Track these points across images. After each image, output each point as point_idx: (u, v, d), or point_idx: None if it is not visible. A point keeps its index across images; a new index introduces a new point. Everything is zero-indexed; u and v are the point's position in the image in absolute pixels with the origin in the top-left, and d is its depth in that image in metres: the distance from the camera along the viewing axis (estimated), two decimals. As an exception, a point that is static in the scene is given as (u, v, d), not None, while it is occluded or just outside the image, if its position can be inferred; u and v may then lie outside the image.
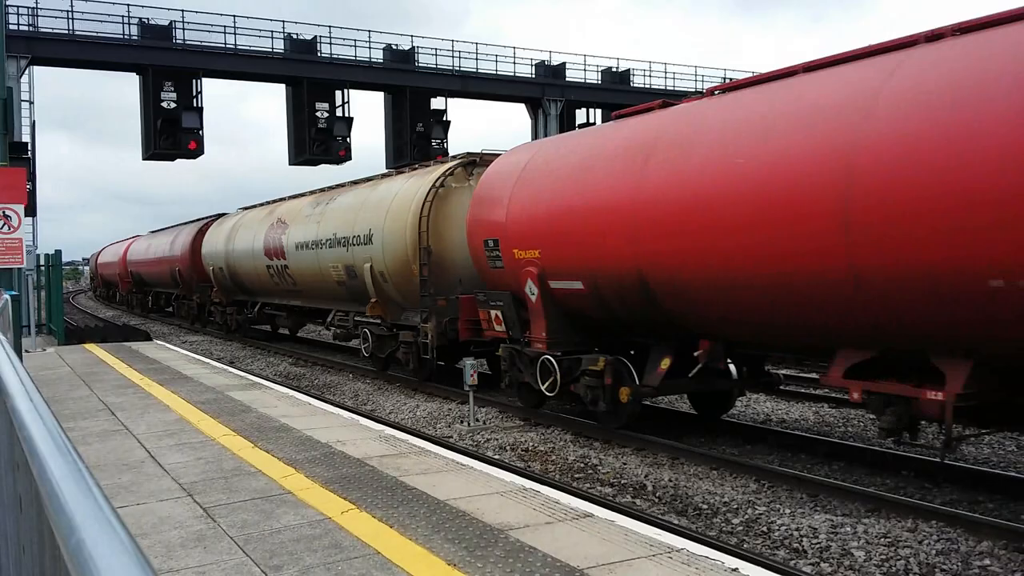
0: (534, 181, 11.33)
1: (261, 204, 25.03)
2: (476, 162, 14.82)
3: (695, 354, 9.57)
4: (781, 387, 11.90)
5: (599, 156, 10.32)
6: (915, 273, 6.61)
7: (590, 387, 10.64)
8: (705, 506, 7.79)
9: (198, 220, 31.45)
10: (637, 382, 10.20)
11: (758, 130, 8.09)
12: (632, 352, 10.74)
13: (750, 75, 9.56)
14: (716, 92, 9.58)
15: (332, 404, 11.18)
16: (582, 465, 9.42)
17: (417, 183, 15.09)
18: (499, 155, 13.37)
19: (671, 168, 8.92)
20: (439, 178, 14.59)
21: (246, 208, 26.31)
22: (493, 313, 12.36)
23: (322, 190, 20.40)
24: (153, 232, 40.87)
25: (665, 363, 9.96)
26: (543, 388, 11.28)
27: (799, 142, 7.57)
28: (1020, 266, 6.00)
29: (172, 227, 36.45)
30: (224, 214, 28.89)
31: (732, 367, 10.37)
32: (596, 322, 10.86)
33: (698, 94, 10.89)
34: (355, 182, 19.02)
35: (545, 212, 10.90)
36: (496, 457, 9.74)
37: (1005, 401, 7.08)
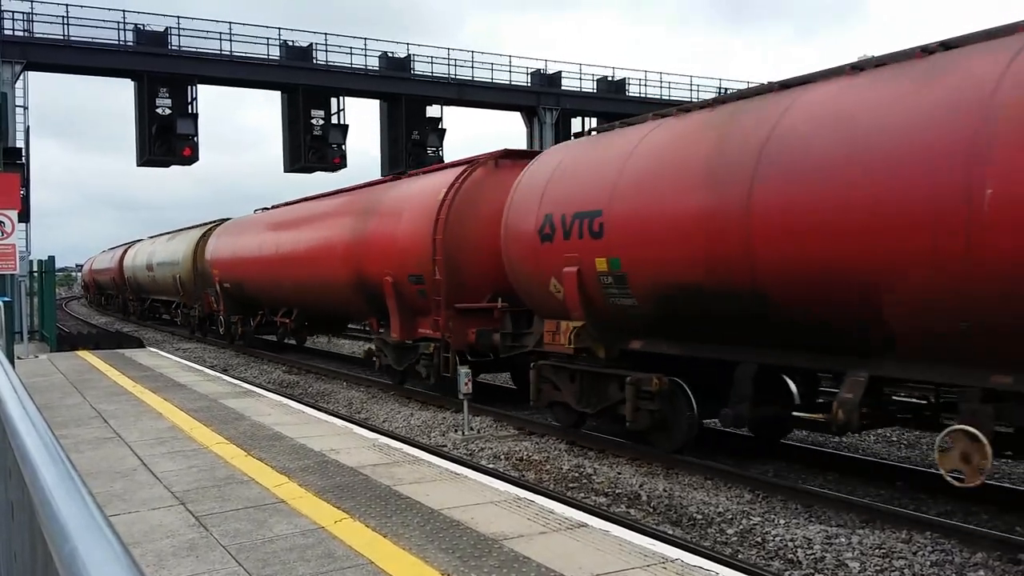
0: (225, 237, 25.21)
1: (153, 236, 39.00)
2: (223, 222, 27.36)
3: (260, 312, 22.91)
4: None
5: (245, 229, 23.94)
6: (289, 283, 19.74)
7: (235, 330, 24.51)
8: (700, 516, 7.77)
9: (124, 244, 46.47)
10: (252, 327, 23.57)
11: (275, 230, 21.22)
12: (260, 314, 23.18)
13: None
14: (296, 201, 22.01)
15: (326, 412, 11.14)
16: (576, 475, 9.40)
17: (197, 232, 28.97)
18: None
19: (258, 241, 21.79)
20: (208, 230, 27.84)
21: (151, 236, 39.61)
22: (212, 299, 26.14)
23: (178, 230, 33.58)
24: (111, 248, 53.56)
25: (255, 320, 23.15)
26: (220, 332, 25.79)
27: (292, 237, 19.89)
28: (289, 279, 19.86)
29: (115, 247, 50.60)
30: (140, 240, 42.28)
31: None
32: (240, 302, 23.93)
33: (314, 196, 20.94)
34: (182, 229, 32.77)
35: (224, 253, 24.66)
36: (490, 466, 9.72)
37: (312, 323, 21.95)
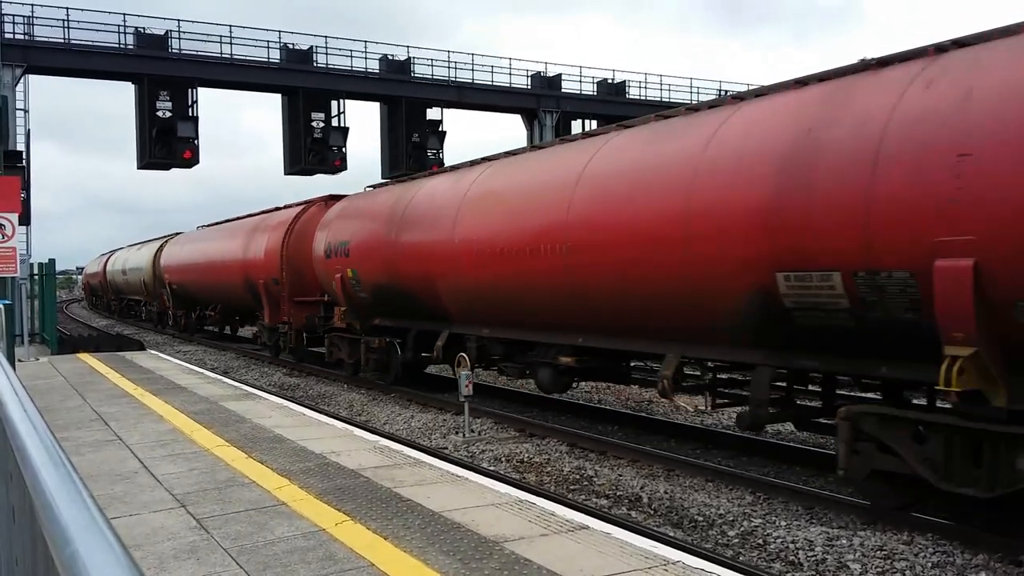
0: (174, 247, 32.12)
1: (130, 245, 46.96)
2: (176, 235, 34.57)
3: (198, 308, 29.71)
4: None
5: (187, 241, 31.14)
6: (212, 285, 26.62)
7: (180, 322, 31.69)
8: (701, 518, 7.77)
9: (109, 252, 53.93)
10: (193, 320, 30.71)
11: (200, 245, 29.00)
12: (198, 309, 29.96)
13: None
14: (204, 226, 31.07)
15: (327, 415, 11.15)
16: (577, 477, 9.39)
17: (156, 243, 35.90)
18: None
19: (194, 251, 28.74)
20: (164, 241, 34.64)
21: (129, 245, 47.30)
22: (165, 297, 32.29)
23: (145, 241, 41.90)
24: (101, 255, 59.01)
25: (195, 314, 30.11)
26: (170, 324, 33.14)
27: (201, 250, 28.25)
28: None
29: (104, 254, 57.17)
30: (121, 248, 50.04)
31: None
32: (183, 300, 30.42)
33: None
34: (148, 240, 40.67)
35: (173, 261, 31.34)
36: (491, 468, 9.71)
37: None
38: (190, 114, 29.92)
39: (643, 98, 38.70)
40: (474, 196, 12.38)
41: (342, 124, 32.50)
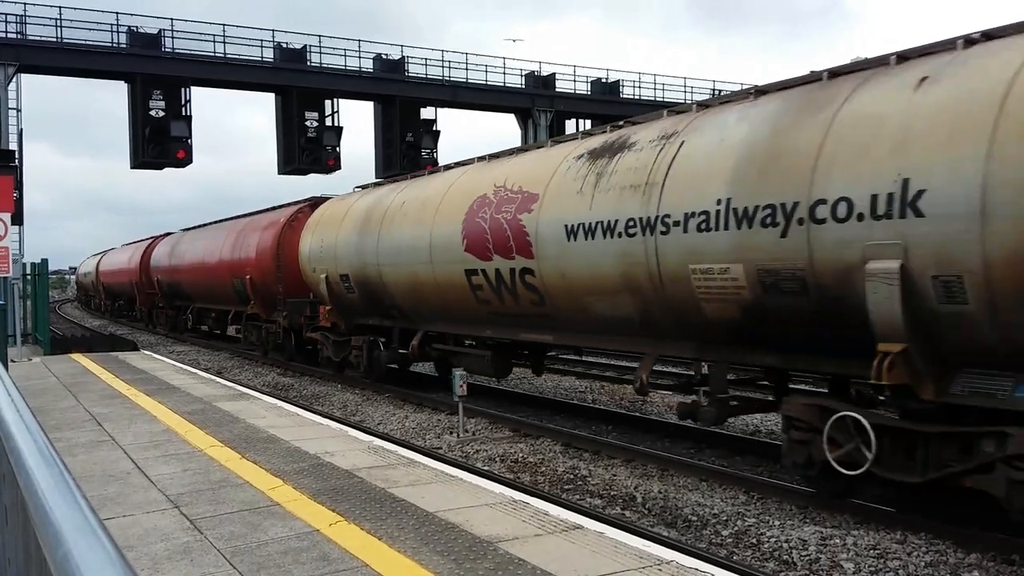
0: (105, 258, 49.49)
1: (93, 255, 59.35)
2: (109, 251, 52.20)
3: (116, 299, 48.08)
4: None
5: (112, 254, 49.21)
6: (119, 283, 44.08)
7: (109, 308, 49.70)
8: (695, 518, 7.78)
9: (85, 258, 67.15)
10: (115, 307, 48.59)
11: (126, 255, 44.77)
12: (117, 300, 48.00)
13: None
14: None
15: (321, 415, 11.13)
16: (571, 476, 9.40)
17: (101, 254, 53.88)
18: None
19: (112, 261, 46.65)
20: (103, 254, 52.45)
21: (94, 255, 58.82)
22: (102, 292, 50.31)
23: (97, 253, 56.67)
24: (81, 260, 72.85)
25: (116, 303, 47.79)
26: (102, 310, 53.87)
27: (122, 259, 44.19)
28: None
29: (84, 259, 69.68)
30: (89, 257, 61.63)
31: None
32: (109, 294, 48.31)
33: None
34: (99, 252, 55.92)
35: (104, 267, 48.49)
36: (485, 468, 9.71)
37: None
38: (183, 113, 29.92)
39: (637, 97, 38.74)
40: (190, 243, 27.81)
41: (336, 124, 32.49)
